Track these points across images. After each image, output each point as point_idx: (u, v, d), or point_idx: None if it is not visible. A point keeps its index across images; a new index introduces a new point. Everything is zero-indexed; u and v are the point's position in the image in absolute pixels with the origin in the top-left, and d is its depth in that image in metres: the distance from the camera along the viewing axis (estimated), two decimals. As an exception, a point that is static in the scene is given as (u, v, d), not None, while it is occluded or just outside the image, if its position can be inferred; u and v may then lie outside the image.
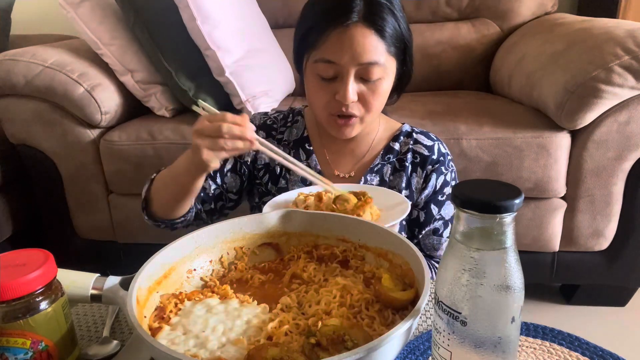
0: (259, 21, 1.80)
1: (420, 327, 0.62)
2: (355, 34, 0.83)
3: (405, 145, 1.00)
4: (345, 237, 0.63)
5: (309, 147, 1.02)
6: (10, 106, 1.52)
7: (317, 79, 0.89)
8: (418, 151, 0.98)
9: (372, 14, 0.84)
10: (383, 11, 0.85)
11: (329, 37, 0.84)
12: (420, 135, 1.01)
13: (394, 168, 0.99)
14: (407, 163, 0.98)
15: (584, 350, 0.56)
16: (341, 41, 0.84)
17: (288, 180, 1.00)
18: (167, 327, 0.50)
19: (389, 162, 0.99)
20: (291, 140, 1.03)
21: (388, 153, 1.00)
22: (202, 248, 0.62)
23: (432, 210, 0.97)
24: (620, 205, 1.37)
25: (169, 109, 1.62)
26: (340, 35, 0.83)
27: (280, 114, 1.07)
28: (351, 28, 0.83)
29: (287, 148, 1.02)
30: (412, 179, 0.98)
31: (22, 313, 0.47)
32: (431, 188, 0.97)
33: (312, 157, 1.01)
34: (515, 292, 0.39)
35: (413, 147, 0.99)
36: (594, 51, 1.28)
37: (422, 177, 0.98)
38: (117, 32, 1.55)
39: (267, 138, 1.02)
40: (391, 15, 0.86)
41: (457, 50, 1.90)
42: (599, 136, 1.30)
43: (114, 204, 1.60)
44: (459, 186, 0.40)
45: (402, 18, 0.88)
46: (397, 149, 1.00)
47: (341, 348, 0.45)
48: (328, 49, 0.85)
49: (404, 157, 0.99)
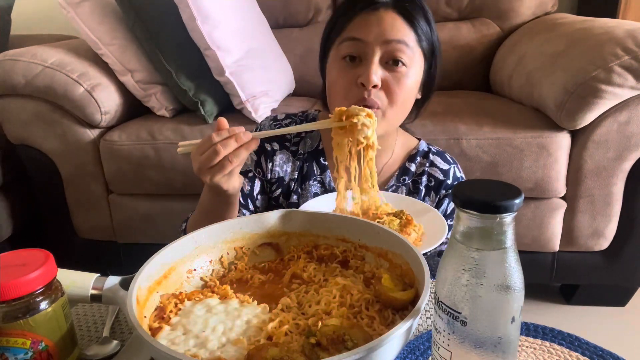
0: (259, 21, 1.80)
1: (420, 327, 0.62)
2: (384, 16, 0.83)
3: (421, 166, 0.98)
4: (345, 237, 0.63)
5: (323, 161, 0.99)
6: (10, 106, 1.51)
7: (340, 65, 0.86)
8: (433, 175, 0.96)
9: (403, 2, 0.84)
10: (415, 7, 0.85)
11: (356, 18, 0.84)
12: (437, 157, 0.98)
13: (409, 190, 0.97)
14: (421, 186, 0.96)
15: (584, 350, 0.56)
16: (368, 19, 0.83)
17: (300, 195, 0.98)
18: (167, 327, 0.50)
19: (404, 183, 0.97)
20: (306, 152, 0.99)
21: (404, 174, 0.97)
22: (202, 248, 0.62)
23: None
24: (620, 205, 1.37)
25: (169, 109, 1.62)
26: (369, 15, 0.83)
27: (292, 122, 1.01)
28: (380, 10, 0.83)
29: (301, 160, 0.99)
30: (425, 202, 0.94)
31: (22, 313, 0.47)
32: (441, 212, 0.95)
33: (327, 174, 0.98)
34: (515, 292, 0.39)
35: (429, 170, 0.97)
36: (594, 51, 1.28)
37: (435, 202, 0.96)
38: (117, 32, 1.55)
39: (281, 149, 0.99)
40: (423, 15, 0.85)
41: (457, 50, 1.90)
42: (599, 136, 1.30)
43: (114, 204, 1.60)
44: (459, 186, 0.40)
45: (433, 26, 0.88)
46: (412, 170, 0.97)
47: (341, 348, 0.45)
48: (354, 28, 0.84)
49: (418, 178, 0.97)
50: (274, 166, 0.98)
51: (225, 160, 0.71)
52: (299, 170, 0.99)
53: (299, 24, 2.06)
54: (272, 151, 0.99)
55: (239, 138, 0.71)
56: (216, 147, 0.70)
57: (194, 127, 1.51)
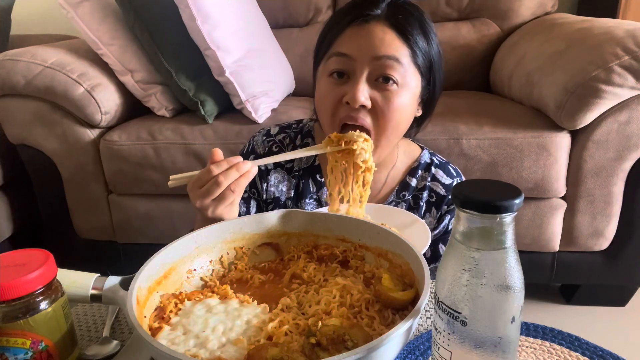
0: (259, 21, 1.80)
1: (420, 327, 0.62)
2: (374, 28, 0.77)
3: (422, 180, 0.93)
4: (345, 237, 0.63)
5: (320, 178, 0.95)
6: (10, 106, 1.52)
7: (327, 81, 0.82)
8: (435, 190, 0.92)
9: (396, 14, 0.78)
10: (409, 18, 0.79)
11: (345, 32, 0.79)
12: (439, 169, 0.93)
13: (409, 206, 0.93)
14: (422, 202, 0.92)
15: (584, 350, 0.56)
16: (358, 33, 0.78)
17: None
18: (167, 327, 0.50)
19: (403, 199, 0.92)
20: (301, 168, 0.96)
21: (404, 190, 0.93)
22: (202, 248, 0.62)
23: (440, 249, 0.92)
24: (620, 205, 1.37)
25: (169, 109, 1.62)
26: (358, 28, 0.78)
27: (286, 136, 0.97)
28: (371, 23, 0.77)
29: (296, 178, 0.96)
30: (426, 218, 0.92)
31: (22, 313, 0.47)
32: (442, 228, 0.92)
33: (323, 191, 0.95)
34: (515, 292, 0.39)
35: (430, 185, 0.92)
36: (594, 51, 1.28)
37: (436, 218, 0.92)
38: (117, 32, 1.55)
39: (276, 168, 0.96)
40: (420, 28, 0.79)
41: (457, 50, 1.90)
42: (599, 136, 1.30)
43: (114, 204, 1.60)
44: (459, 186, 0.40)
45: (433, 39, 0.82)
46: (413, 185, 0.92)
47: (341, 348, 0.45)
48: (343, 42, 0.79)
49: (419, 193, 0.92)
50: (269, 186, 0.96)
51: (228, 191, 0.69)
52: (295, 188, 0.96)
53: (299, 24, 2.06)
54: (267, 171, 0.96)
55: (239, 168, 0.69)
56: (218, 179, 0.68)
57: (194, 127, 1.51)
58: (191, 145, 1.49)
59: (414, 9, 0.83)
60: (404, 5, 0.82)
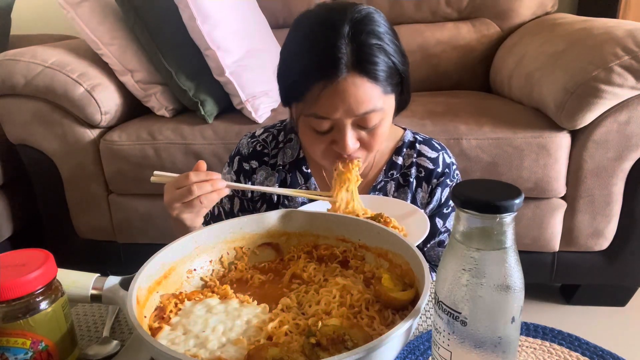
0: (259, 21, 1.80)
1: (420, 327, 0.62)
2: (346, 87, 0.75)
3: (409, 158, 0.95)
4: (345, 237, 0.63)
5: (306, 169, 0.97)
6: (10, 106, 1.51)
7: (311, 131, 0.83)
8: (422, 165, 0.94)
9: (362, 60, 0.75)
10: (373, 53, 0.76)
11: (319, 95, 0.76)
12: (423, 145, 0.95)
13: (398, 184, 0.95)
14: (411, 178, 0.93)
15: (584, 350, 0.56)
16: (332, 98, 0.76)
17: (287, 207, 0.97)
18: (167, 327, 0.50)
19: (392, 178, 0.95)
20: (286, 163, 0.98)
21: (391, 169, 0.95)
22: (202, 248, 0.62)
23: (437, 224, 0.94)
24: (620, 205, 1.37)
25: (169, 109, 1.62)
26: (331, 92, 0.75)
27: (269, 135, 1.00)
28: (341, 83, 0.75)
29: (283, 172, 0.97)
30: (418, 194, 0.94)
31: (22, 313, 0.47)
32: (436, 202, 0.94)
33: (311, 181, 0.97)
34: (515, 292, 0.39)
35: (417, 161, 0.94)
36: (594, 51, 1.28)
37: (428, 192, 0.94)
38: (117, 32, 1.55)
39: (260, 166, 0.98)
40: (382, 53, 0.77)
41: (457, 50, 1.90)
42: (599, 136, 1.30)
43: (114, 204, 1.60)
44: (459, 186, 0.40)
45: (395, 50, 0.79)
46: (400, 163, 0.95)
47: (341, 348, 0.45)
48: (320, 107, 0.77)
49: (407, 171, 0.94)
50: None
51: (197, 200, 0.74)
52: (282, 182, 0.98)
53: (299, 24, 2.06)
54: (252, 170, 0.99)
55: (214, 183, 0.74)
56: (191, 187, 0.73)
57: (194, 127, 1.51)
58: (191, 145, 1.49)
59: (370, 29, 0.77)
60: (362, 33, 0.76)
